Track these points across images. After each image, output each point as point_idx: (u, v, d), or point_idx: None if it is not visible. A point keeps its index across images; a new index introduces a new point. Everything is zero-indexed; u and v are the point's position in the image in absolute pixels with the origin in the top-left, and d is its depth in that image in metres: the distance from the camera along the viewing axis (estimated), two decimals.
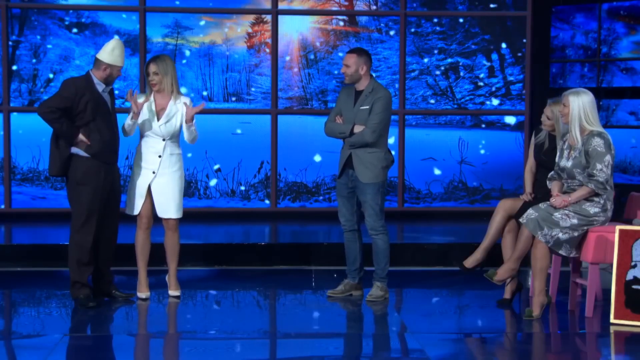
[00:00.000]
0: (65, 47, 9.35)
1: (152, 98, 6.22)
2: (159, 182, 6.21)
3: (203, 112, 6.35)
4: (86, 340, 5.37)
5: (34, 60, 9.31)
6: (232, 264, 7.69)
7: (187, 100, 6.26)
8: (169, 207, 6.24)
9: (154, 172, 6.20)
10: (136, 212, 6.23)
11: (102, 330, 5.68)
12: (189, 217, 9.09)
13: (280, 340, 5.44)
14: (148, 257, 6.31)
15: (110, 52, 6.03)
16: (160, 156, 6.20)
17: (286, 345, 5.36)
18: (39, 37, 9.33)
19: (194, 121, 6.21)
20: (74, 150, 5.99)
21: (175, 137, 6.25)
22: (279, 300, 6.73)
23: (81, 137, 5.95)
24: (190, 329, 5.71)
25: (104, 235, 6.14)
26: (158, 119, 6.18)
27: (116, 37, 6.25)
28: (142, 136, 6.26)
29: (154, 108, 6.19)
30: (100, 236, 6.10)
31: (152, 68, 6.19)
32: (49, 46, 9.30)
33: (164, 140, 6.20)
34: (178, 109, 6.21)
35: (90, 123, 5.96)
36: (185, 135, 6.24)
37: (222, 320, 5.91)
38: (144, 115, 6.19)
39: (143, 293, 6.31)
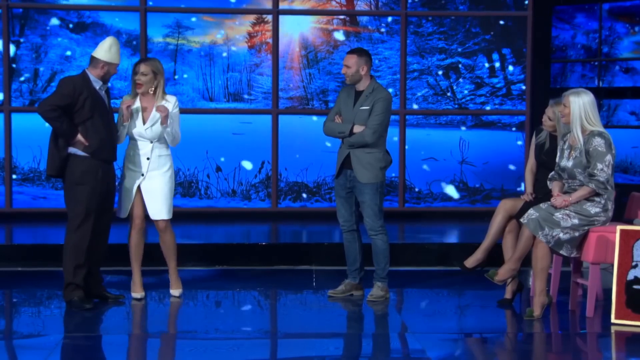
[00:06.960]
0: (66, 47, 9.35)
1: (137, 101, 6.21)
2: (148, 184, 6.20)
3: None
4: (86, 340, 5.37)
5: (34, 60, 9.32)
6: (232, 264, 7.68)
7: (172, 100, 6.23)
8: (159, 209, 6.22)
9: (142, 175, 6.20)
10: (124, 215, 6.23)
11: (102, 331, 5.67)
12: (189, 217, 9.17)
13: (281, 340, 5.44)
14: (142, 257, 6.30)
15: (108, 50, 6.02)
16: (148, 158, 6.20)
17: (286, 345, 5.36)
18: (39, 37, 9.33)
19: (168, 123, 6.13)
20: (72, 150, 5.97)
21: (163, 139, 6.23)
22: (279, 300, 6.73)
23: (79, 137, 5.92)
24: (190, 329, 5.70)
25: (97, 236, 6.06)
26: (144, 122, 6.17)
27: (111, 36, 6.22)
28: (130, 139, 6.24)
29: (140, 111, 6.19)
30: (92, 237, 6.03)
31: (142, 68, 6.17)
32: (54, 43, 9.32)
33: (151, 142, 6.20)
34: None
35: (87, 121, 5.93)
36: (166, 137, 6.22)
37: (223, 320, 5.90)
38: (131, 118, 6.18)
39: (137, 293, 6.30)
